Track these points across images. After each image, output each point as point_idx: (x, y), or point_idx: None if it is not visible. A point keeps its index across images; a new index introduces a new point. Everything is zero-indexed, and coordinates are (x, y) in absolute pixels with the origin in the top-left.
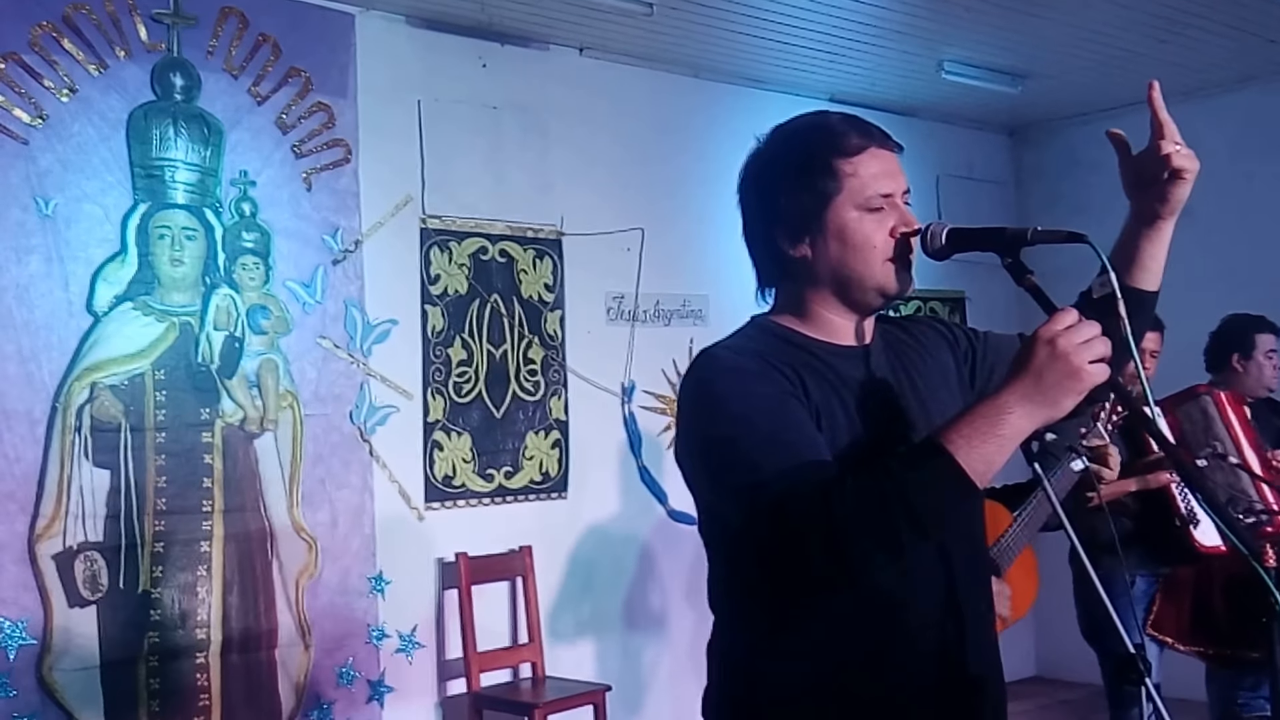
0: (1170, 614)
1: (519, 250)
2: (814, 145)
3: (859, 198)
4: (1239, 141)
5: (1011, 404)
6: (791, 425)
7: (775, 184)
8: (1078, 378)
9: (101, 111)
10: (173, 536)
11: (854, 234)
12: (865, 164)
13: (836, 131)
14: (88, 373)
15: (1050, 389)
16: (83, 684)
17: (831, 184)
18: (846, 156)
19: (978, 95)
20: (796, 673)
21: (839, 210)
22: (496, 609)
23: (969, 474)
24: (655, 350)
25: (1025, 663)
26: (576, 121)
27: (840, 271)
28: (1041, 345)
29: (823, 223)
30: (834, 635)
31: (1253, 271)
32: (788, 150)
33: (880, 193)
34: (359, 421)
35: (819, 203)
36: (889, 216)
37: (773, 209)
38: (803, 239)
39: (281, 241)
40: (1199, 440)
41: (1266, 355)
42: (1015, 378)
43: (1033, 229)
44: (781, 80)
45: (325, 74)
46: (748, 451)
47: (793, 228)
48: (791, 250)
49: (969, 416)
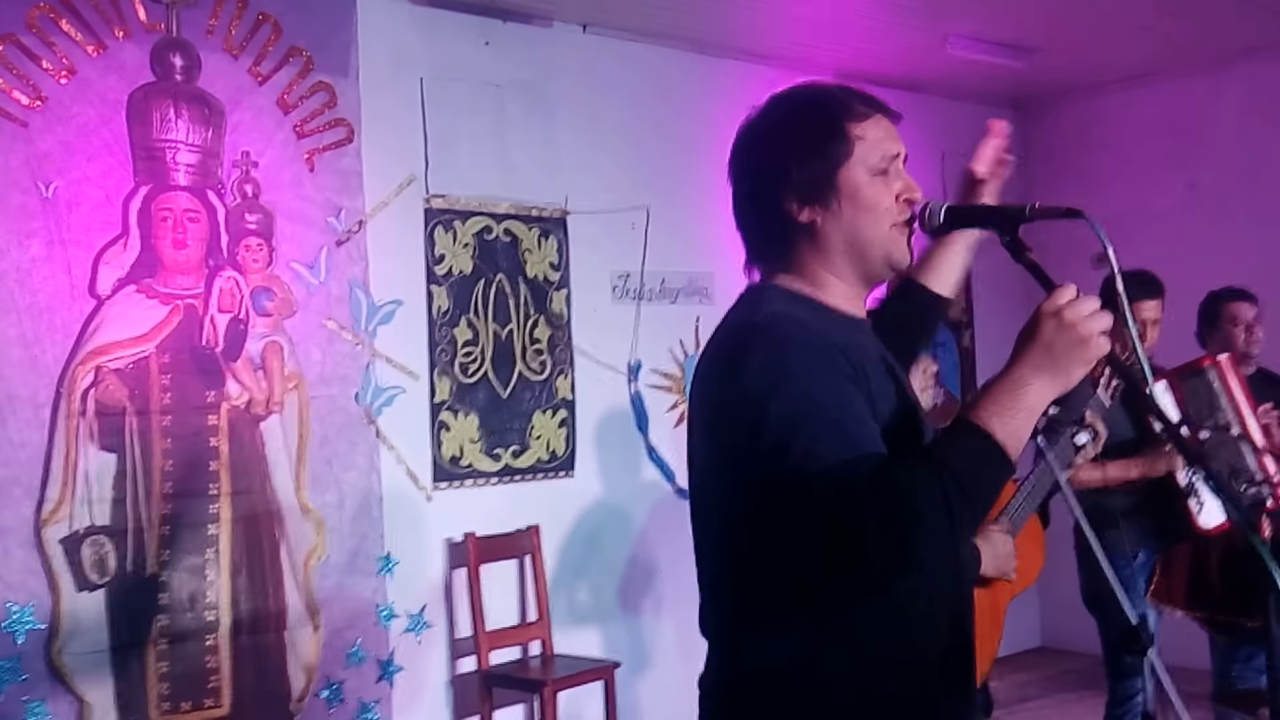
0: (1170, 584)
1: (524, 229)
2: (824, 109)
3: (869, 160)
4: (1244, 113)
5: (1028, 377)
6: (853, 416)
7: (785, 148)
8: (1087, 347)
9: (101, 93)
10: (180, 519)
11: (865, 196)
12: (872, 128)
13: (843, 97)
14: (91, 356)
15: (1061, 359)
16: (92, 667)
17: (843, 147)
18: (856, 121)
19: (983, 69)
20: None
21: (850, 173)
22: (505, 588)
23: (1007, 450)
24: (661, 328)
25: (1030, 633)
26: (580, 99)
27: (852, 235)
28: (1048, 318)
29: (835, 185)
30: (876, 633)
31: (1257, 243)
32: (795, 115)
33: (888, 154)
34: (365, 403)
35: (831, 166)
36: (894, 181)
37: (782, 173)
38: (813, 203)
39: (284, 223)
40: (1202, 415)
41: (1232, 323)
42: (1027, 352)
43: (1030, 205)
44: (786, 55)
45: (326, 53)
46: (813, 434)
47: (803, 192)
48: (800, 215)
49: (992, 394)
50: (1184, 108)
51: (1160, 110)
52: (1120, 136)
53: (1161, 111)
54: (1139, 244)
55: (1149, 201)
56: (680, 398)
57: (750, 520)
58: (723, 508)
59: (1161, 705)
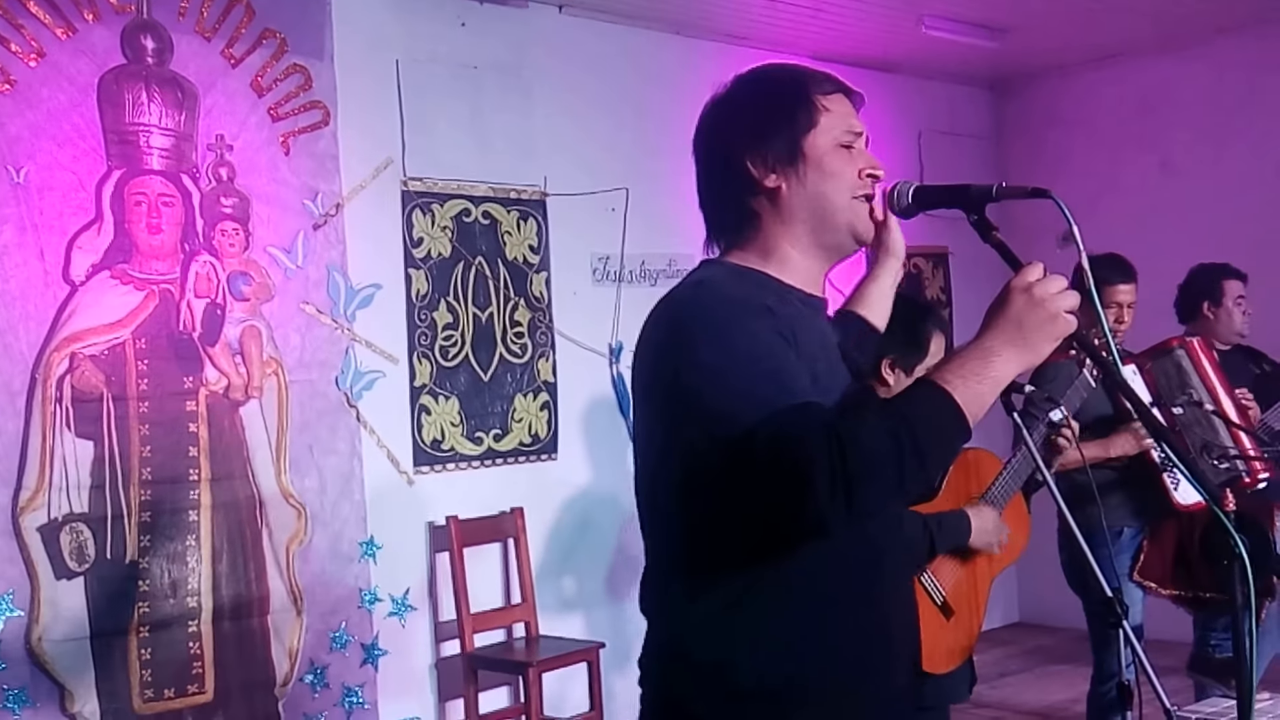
0: (1155, 561)
1: (502, 212)
2: (793, 80)
3: (834, 131)
4: (1213, 93)
5: (997, 348)
6: (788, 368)
7: (754, 116)
8: (1055, 323)
9: (71, 76)
10: (160, 506)
11: (830, 164)
12: (838, 103)
13: (810, 72)
14: (66, 343)
15: (1031, 334)
16: (73, 655)
17: (811, 115)
18: (823, 93)
19: (958, 50)
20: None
21: (817, 139)
22: (489, 571)
23: (965, 412)
24: (642, 310)
25: (1009, 609)
26: (558, 80)
27: (817, 201)
28: (1018, 293)
29: (802, 151)
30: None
31: (1226, 222)
32: (765, 85)
33: (852, 130)
34: (345, 387)
35: (798, 131)
36: (858, 157)
37: (751, 140)
38: (780, 168)
39: (261, 206)
40: (1174, 394)
41: (1235, 301)
42: (997, 325)
43: (997, 185)
44: (763, 36)
45: (301, 35)
46: (749, 385)
47: (771, 157)
48: (766, 181)
49: (959, 359)
50: (1155, 87)
51: (1132, 90)
52: (1092, 115)
53: (1133, 91)
54: (1110, 222)
55: (1120, 180)
56: None
57: (690, 486)
58: (664, 479)
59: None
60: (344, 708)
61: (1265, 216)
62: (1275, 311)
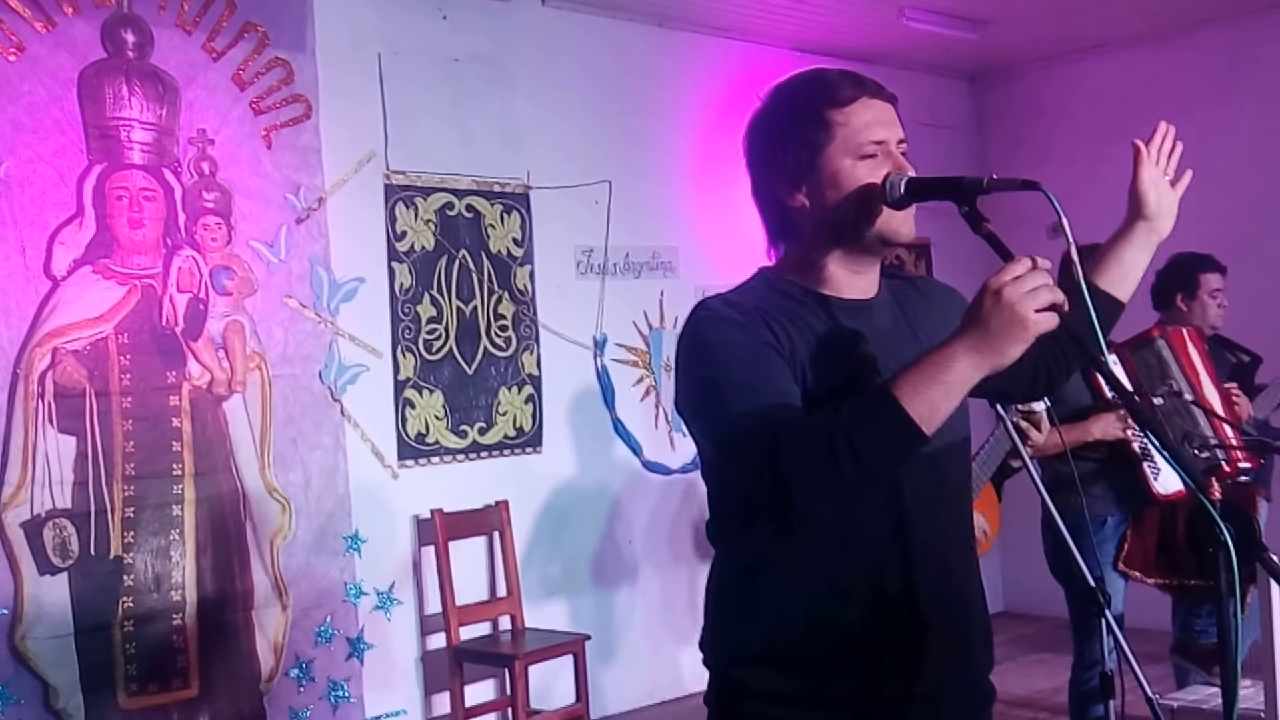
0: (1139, 549)
1: (486, 205)
2: (807, 98)
3: (851, 145)
4: (1194, 84)
5: (959, 353)
6: (764, 374)
7: (772, 138)
8: (1023, 325)
9: (51, 70)
10: (143, 501)
11: (846, 180)
12: (857, 113)
13: (829, 83)
14: (48, 338)
15: (996, 337)
16: (57, 651)
17: (824, 134)
18: (839, 107)
19: (939, 41)
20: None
21: (832, 158)
22: (474, 564)
23: (913, 417)
24: (626, 303)
25: (994, 599)
26: (540, 73)
27: (832, 218)
28: (989, 295)
29: (817, 171)
30: (793, 569)
31: (1207, 212)
32: (782, 105)
33: (872, 139)
34: (329, 381)
35: (812, 153)
36: (883, 164)
37: (772, 162)
38: (800, 189)
39: (243, 200)
40: (1154, 384)
41: (1211, 294)
42: (964, 327)
43: (989, 177)
44: (745, 28)
45: (282, 28)
46: (723, 393)
47: (790, 178)
48: (790, 201)
49: (917, 363)
50: (1136, 79)
51: (1113, 81)
52: (1073, 107)
53: (1114, 82)
54: (1091, 213)
55: (1101, 171)
56: (646, 372)
57: (707, 475)
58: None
59: (1120, 665)
60: (329, 701)
61: (1246, 207)
62: (1256, 300)
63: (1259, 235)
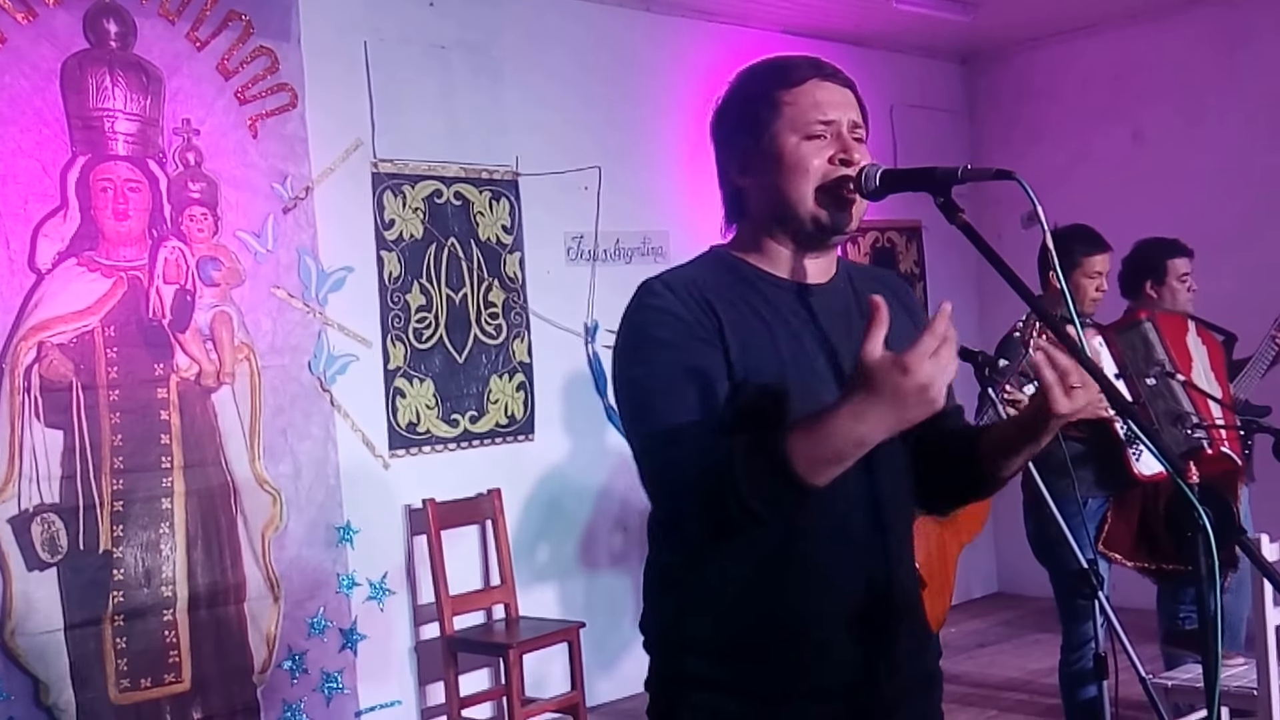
0: (1120, 532)
1: (474, 192)
2: (759, 79)
3: (797, 124)
4: (1185, 64)
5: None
6: (688, 381)
7: (725, 117)
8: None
9: (33, 61)
10: (132, 495)
11: (788, 157)
12: (807, 93)
13: (784, 66)
14: (34, 332)
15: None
16: (47, 648)
17: (770, 113)
18: (789, 87)
19: (929, 23)
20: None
21: (777, 137)
22: (467, 553)
23: (799, 474)
24: (617, 289)
25: (987, 580)
26: (527, 59)
27: (774, 195)
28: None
29: (762, 150)
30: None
31: (1198, 192)
32: (739, 88)
33: (820, 119)
34: (318, 371)
35: (758, 131)
36: (829, 145)
37: (721, 140)
38: (746, 168)
39: (229, 191)
40: (1140, 367)
41: (1179, 279)
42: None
43: (962, 168)
44: (733, 12)
45: (267, 17)
46: (645, 400)
47: (740, 157)
48: (739, 180)
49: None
50: (1126, 59)
51: (1103, 62)
52: (1064, 88)
53: (1104, 63)
54: (1083, 193)
55: (1092, 151)
56: None
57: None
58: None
59: (1113, 646)
60: (323, 693)
61: (1237, 186)
62: (1246, 279)
63: (1250, 212)
